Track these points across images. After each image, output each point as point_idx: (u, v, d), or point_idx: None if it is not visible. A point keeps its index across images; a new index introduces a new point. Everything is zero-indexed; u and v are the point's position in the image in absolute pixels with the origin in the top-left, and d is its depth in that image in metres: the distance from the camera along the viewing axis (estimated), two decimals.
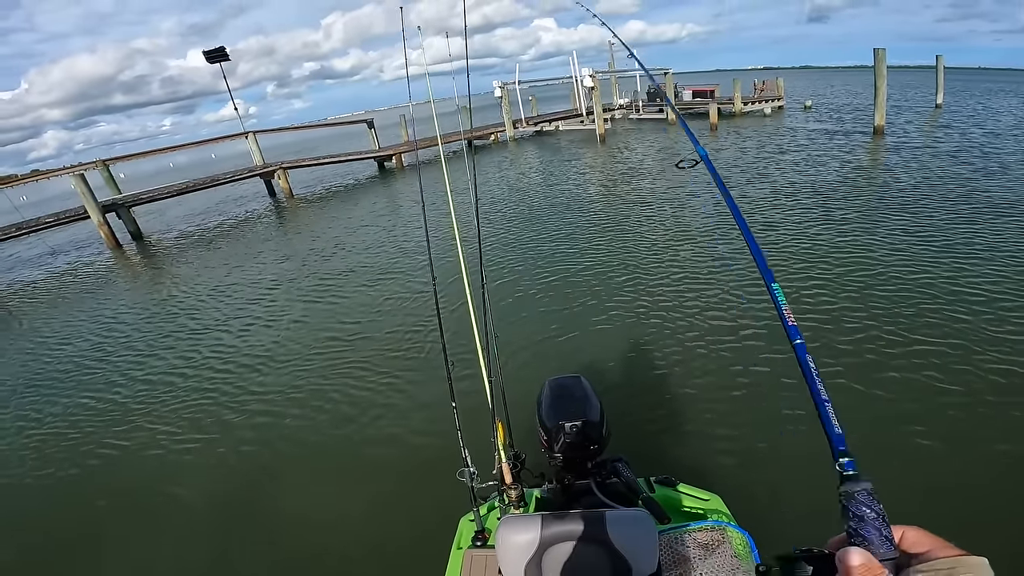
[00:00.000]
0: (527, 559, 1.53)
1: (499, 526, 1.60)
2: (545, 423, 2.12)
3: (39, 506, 4.13)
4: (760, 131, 18.42)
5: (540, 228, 9.73)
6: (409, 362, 5.41)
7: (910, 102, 24.06)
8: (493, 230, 9.79)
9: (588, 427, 2.04)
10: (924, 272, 5.82)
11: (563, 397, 2.21)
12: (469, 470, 2.03)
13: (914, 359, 4.27)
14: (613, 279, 6.81)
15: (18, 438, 5.18)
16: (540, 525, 1.53)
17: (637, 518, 1.53)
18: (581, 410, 2.10)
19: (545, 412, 2.15)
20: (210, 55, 21.09)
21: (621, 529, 1.49)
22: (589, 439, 2.02)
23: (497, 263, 7.98)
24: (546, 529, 1.53)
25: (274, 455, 4.31)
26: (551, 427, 2.08)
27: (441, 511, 2.43)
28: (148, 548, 3.49)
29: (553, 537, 1.52)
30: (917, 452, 3.37)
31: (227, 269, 10.26)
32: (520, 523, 1.56)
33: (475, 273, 2.44)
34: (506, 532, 1.56)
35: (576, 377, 2.33)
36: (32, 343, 7.87)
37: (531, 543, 1.53)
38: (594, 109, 20.23)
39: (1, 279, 13.11)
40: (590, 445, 2.01)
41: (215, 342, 6.70)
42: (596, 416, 2.10)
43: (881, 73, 14.91)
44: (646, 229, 8.84)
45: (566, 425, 2.03)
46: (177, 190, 16.33)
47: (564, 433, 2.03)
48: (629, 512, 1.57)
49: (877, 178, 10.26)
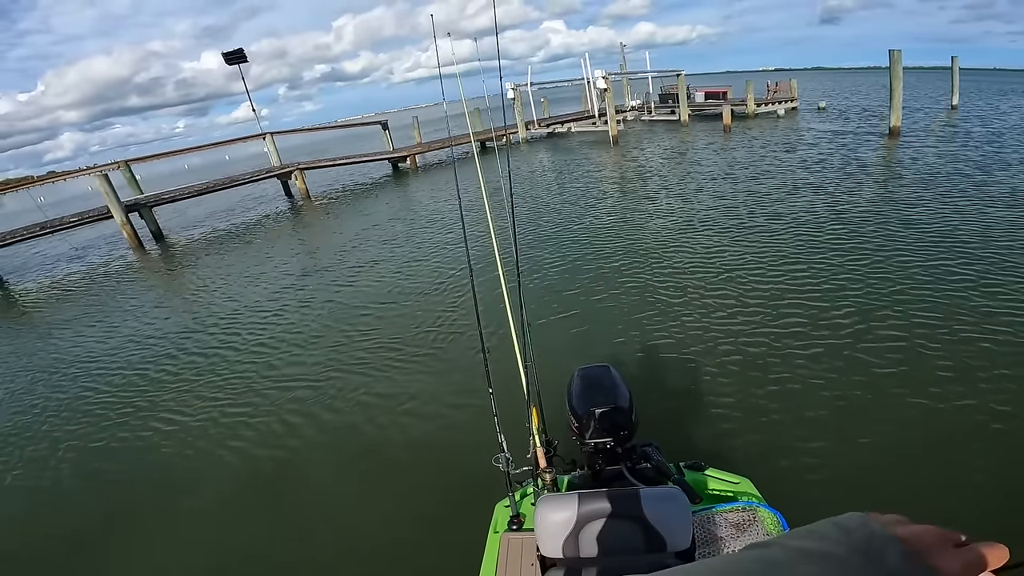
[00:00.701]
0: (565, 535, 1.60)
1: (538, 504, 1.66)
2: (576, 410, 2.18)
3: (50, 502, 4.26)
4: (774, 132, 18.37)
5: (564, 224, 9.88)
6: (444, 351, 5.59)
7: (925, 103, 23.84)
8: (520, 228, 9.92)
9: (618, 414, 2.10)
10: (950, 279, 5.63)
11: (592, 385, 2.25)
12: (505, 455, 2.09)
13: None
14: (639, 273, 6.94)
15: (38, 426, 5.42)
16: (577, 503, 1.60)
17: (671, 495, 1.60)
18: (611, 397, 2.16)
19: (576, 400, 2.21)
20: (229, 57, 21.38)
21: (656, 505, 1.56)
22: (619, 425, 2.08)
23: (526, 258, 8.15)
24: (583, 506, 1.59)
25: (306, 443, 4.43)
26: (582, 414, 2.14)
27: (477, 497, 2.52)
28: (169, 541, 3.59)
29: (590, 514, 1.59)
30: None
31: (250, 268, 10.45)
32: (558, 501, 1.63)
33: (508, 264, 2.51)
34: (545, 510, 1.62)
35: (605, 366, 2.39)
36: (64, 341, 8.08)
37: (569, 520, 1.59)
38: (607, 111, 20.28)
39: (31, 277, 13.45)
40: (620, 431, 2.07)
41: (248, 333, 6.91)
42: (625, 403, 2.15)
43: (897, 74, 14.81)
44: (664, 224, 8.94)
45: (596, 412, 2.10)
46: (197, 190, 16.61)
47: (595, 420, 2.09)
48: (663, 490, 1.64)
49: (897, 180, 10.18)
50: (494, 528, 2.10)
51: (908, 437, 3.41)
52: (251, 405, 5.09)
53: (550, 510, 1.62)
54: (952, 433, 3.42)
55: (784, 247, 7.16)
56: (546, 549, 1.63)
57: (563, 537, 1.60)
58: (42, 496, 4.32)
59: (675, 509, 1.57)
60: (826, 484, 3.09)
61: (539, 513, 1.63)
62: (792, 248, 7.08)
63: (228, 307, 8.13)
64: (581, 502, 1.60)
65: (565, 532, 1.60)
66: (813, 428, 3.64)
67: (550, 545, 1.61)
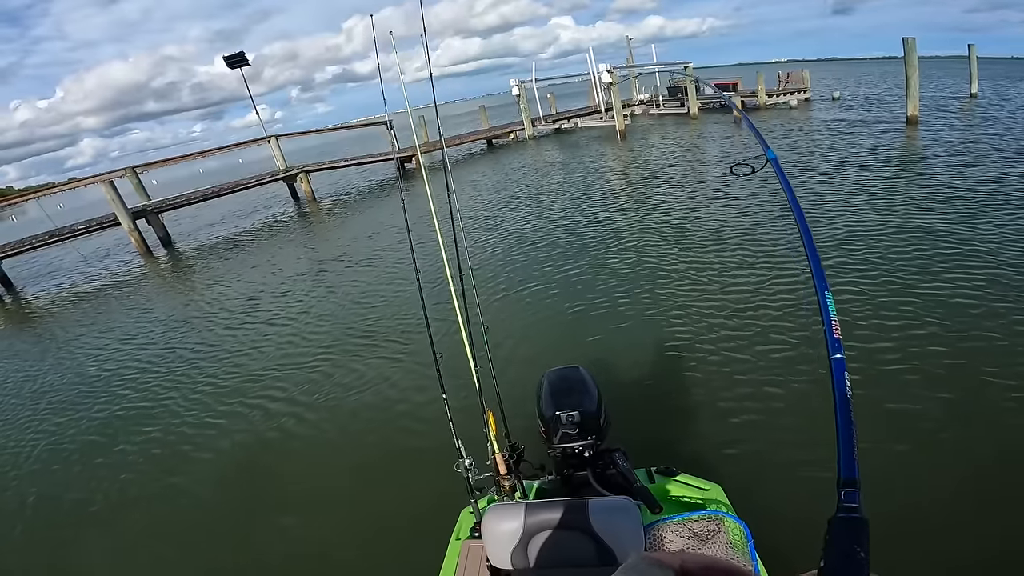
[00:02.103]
0: (513, 546, 1.54)
1: (486, 513, 1.62)
2: (543, 414, 2.12)
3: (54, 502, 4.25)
4: (787, 123, 17.93)
5: (558, 224, 9.67)
6: (409, 356, 5.46)
7: (942, 92, 23.15)
8: (515, 228, 9.82)
9: (585, 417, 2.03)
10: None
11: (561, 388, 2.19)
12: (465, 462, 2.02)
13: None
14: (624, 274, 6.70)
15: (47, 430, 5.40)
16: (524, 513, 1.54)
17: (619, 506, 1.52)
18: (578, 400, 2.10)
19: (543, 403, 2.16)
20: (230, 60, 20.51)
21: (605, 516, 1.49)
22: (586, 429, 2.00)
23: (513, 259, 8.00)
24: (530, 517, 1.53)
25: (268, 449, 4.38)
26: (548, 418, 2.08)
27: (443, 503, 2.42)
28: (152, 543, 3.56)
29: (537, 525, 1.53)
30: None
31: (243, 275, 10.50)
32: (505, 511, 1.58)
33: (461, 265, 2.40)
34: (492, 520, 1.58)
35: (575, 368, 2.32)
36: (74, 348, 8.15)
37: (516, 531, 1.54)
38: (613, 105, 20.01)
39: (41, 284, 13.67)
40: (587, 435, 2.00)
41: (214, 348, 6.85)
42: (593, 406, 2.08)
43: (912, 63, 14.40)
44: (655, 222, 8.70)
45: (562, 416, 2.03)
46: (203, 195, 16.75)
47: (561, 424, 2.03)
48: (612, 500, 1.57)
49: (920, 168, 9.69)
50: (456, 535, 2.05)
51: (893, 451, 3.13)
52: (209, 428, 4.95)
53: (497, 520, 1.57)
54: (941, 451, 3.13)
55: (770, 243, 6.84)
56: (495, 559, 1.59)
57: (511, 548, 1.55)
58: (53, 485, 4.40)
59: (623, 520, 1.49)
60: (800, 494, 2.81)
61: (486, 523, 1.59)
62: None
63: (221, 314, 8.11)
64: (528, 513, 1.54)
65: (512, 543, 1.54)
66: (792, 438, 3.41)
67: (499, 555, 1.57)
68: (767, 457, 3.29)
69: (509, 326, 5.56)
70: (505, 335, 5.19)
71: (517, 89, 22.91)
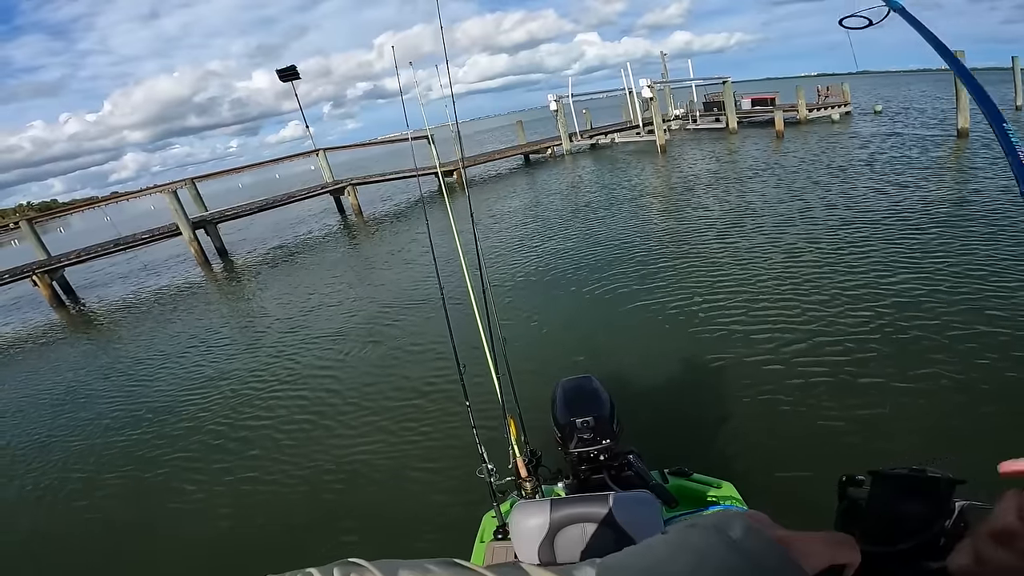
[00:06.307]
0: (540, 540, 1.63)
1: (513, 510, 1.71)
2: (559, 421, 2.23)
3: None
4: (832, 138, 17.78)
5: (600, 236, 9.81)
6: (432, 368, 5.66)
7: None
8: (560, 244, 10.02)
9: (599, 422, 2.14)
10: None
11: (574, 396, 2.31)
12: (487, 467, 2.14)
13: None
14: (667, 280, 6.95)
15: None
16: (550, 509, 1.63)
17: (641, 498, 1.62)
18: (591, 407, 2.21)
19: (558, 411, 2.26)
20: (283, 73, 22.28)
21: (626, 508, 1.58)
22: (600, 434, 2.11)
23: (554, 271, 8.29)
24: (555, 512, 1.63)
25: (298, 453, 4.64)
26: (564, 424, 2.18)
27: (466, 509, 2.58)
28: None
29: (563, 520, 1.62)
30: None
31: (300, 286, 10.81)
32: (532, 508, 1.68)
33: (482, 280, 2.53)
34: (519, 516, 1.66)
35: (587, 377, 2.44)
36: (152, 358, 8.47)
37: (543, 526, 1.63)
38: (653, 120, 20.13)
39: (103, 292, 14.24)
40: (602, 439, 2.10)
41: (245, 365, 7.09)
42: (606, 412, 2.20)
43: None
44: (673, 228, 8.78)
45: (577, 422, 2.14)
46: (258, 206, 17.31)
47: (576, 429, 2.13)
48: (633, 494, 1.67)
49: (977, 184, 9.55)
50: (480, 538, 2.16)
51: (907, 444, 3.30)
52: (235, 436, 5.26)
53: (524, 516, 1.66)
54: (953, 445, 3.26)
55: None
56: (523, 555, 1.66)
57: (538, 542, 1.63)
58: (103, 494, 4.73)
59: (644, 512, 1.59)
60: (813, 490, 2.94)
61: (514, 519, 1.68)
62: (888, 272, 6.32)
63: (278, 327, 8.36)
64: (553, 508, 1.63)
65: (540, 537, 1.63)
66: (803, 433, 3.63)
67: (526, 551, 1.65)
68: (778, 456, 3.46)
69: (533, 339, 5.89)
70: (522, 347, 5.45)
71: (555, 104, 23.20)
